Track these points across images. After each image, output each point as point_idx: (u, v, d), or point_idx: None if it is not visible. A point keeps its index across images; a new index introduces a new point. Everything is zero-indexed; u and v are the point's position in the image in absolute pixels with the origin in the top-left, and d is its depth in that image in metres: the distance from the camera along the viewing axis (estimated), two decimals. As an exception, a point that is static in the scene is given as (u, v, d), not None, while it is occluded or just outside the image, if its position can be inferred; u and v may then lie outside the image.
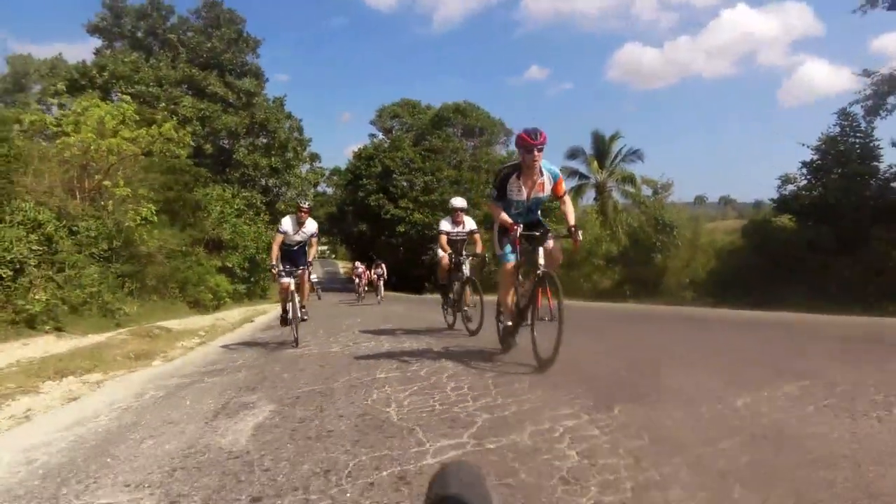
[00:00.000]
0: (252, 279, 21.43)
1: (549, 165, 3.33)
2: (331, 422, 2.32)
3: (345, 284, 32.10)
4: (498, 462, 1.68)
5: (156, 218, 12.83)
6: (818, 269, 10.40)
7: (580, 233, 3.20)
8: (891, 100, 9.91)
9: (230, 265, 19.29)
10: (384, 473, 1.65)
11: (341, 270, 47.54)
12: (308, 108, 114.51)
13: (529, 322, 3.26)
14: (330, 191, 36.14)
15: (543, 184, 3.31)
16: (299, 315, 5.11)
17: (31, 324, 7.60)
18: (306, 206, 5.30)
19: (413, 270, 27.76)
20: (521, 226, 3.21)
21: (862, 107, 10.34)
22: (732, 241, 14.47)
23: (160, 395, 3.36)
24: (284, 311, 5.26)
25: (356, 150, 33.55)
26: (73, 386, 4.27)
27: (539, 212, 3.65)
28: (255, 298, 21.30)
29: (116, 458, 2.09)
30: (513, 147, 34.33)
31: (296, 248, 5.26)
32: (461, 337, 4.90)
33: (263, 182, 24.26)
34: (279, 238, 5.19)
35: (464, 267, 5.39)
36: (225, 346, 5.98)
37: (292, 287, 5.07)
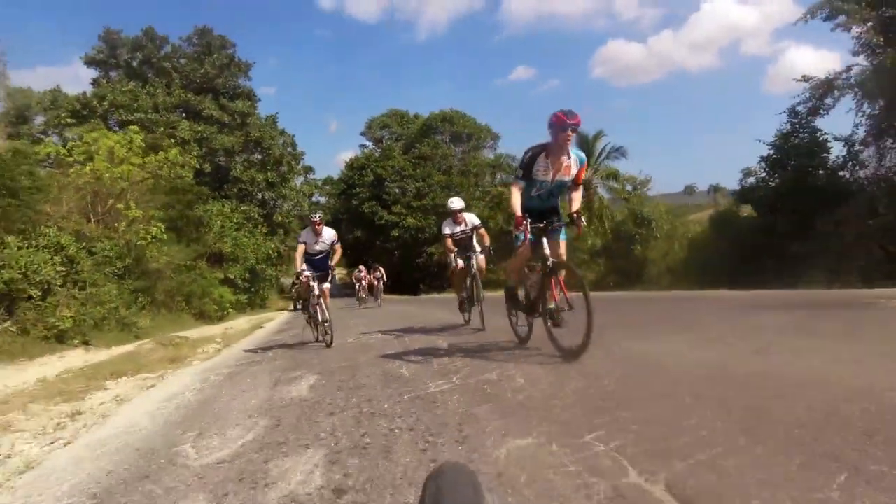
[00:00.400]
0: (253, 289, 22.31)
1: (577, 150, 3.28)
2: (363, 379, 3.31)
3: (341, 290, 32.96)
4: (474, 388, 2.69)
5: (165, 236, 13.72)
6: (775, 253, 11.57)
7: (583, 219, 3.23)
8: (828, 101, 11.17)
9: (232, 276, 20.15)
10: (405, 396, 2.66)
11: (336, 277, 48.41)
12: (298, 118, 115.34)
13: (541, 313, 3.33)
14: (323, 200, 37.07)
15: (570, 167, 3.27)
16: (328, 318, 5.41)
17: (60, 339, 8.35)
18: (317, 218, 5.70)
19: (409, 273, 28.76)
20: (529, 220, 3.20)
21: (804, 108, 11.60)
22: (703, 231, 15.68)
23: (221, 379, 4.30)
24: (305, 300, 5.90)
25: (348, 160, 34.59)
26: (136, 382, 4.98)
27: (559, 198, 3.58)
28: (256, 308, 22.17)
29: (219, 410, 3.06)
30: (500, 150, 35.13)
31: (317, 257, 5.81)
32: (466, 331, 5.20)
33: (260, 196, 25.22)
34: (301, 248, 5.74)
35: (471, 262, 5.37)
36: (250, 350, 6.55)
37: (316, 291, 5.53)
